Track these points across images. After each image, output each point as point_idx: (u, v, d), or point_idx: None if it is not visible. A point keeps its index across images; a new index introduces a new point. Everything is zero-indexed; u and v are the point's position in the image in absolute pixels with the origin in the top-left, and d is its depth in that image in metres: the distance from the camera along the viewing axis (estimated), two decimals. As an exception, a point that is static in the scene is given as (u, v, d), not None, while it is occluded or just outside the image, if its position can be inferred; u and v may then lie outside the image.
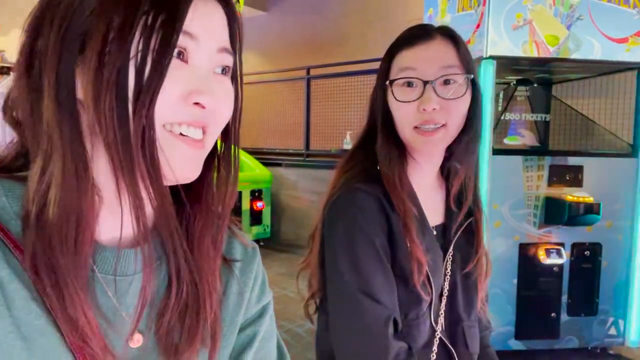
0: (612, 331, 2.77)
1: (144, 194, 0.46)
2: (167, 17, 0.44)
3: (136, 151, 0.44)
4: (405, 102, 0.90)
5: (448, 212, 1.01)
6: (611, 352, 2.83)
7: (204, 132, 0.49)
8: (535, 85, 3.11)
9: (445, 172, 1.03)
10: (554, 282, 2.71)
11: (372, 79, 1.03)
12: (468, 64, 0.91)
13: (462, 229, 1.00)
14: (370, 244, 0.88)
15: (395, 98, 0.91)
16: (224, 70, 0.51)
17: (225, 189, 0.54)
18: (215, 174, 0.55)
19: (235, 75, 0.53)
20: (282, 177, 5.66)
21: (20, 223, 0.46)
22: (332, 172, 1.03)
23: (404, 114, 0.91)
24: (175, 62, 0.45)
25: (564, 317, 2.73)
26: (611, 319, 2.76)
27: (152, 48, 0.43)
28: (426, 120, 0.89)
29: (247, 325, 0.61)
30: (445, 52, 0.90)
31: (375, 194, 0.91)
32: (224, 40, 0.50)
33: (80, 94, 0.45)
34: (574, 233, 2.68)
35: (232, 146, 0.55)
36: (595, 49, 2.50)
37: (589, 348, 2.79)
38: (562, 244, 2.68)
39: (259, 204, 5.21)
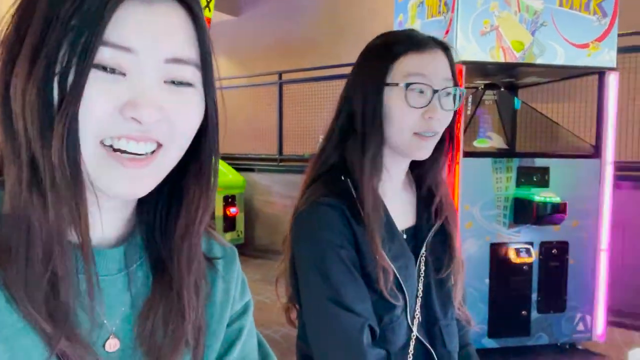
0: (580, 327, 2.86)
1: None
2: (88, 32, 0.42)
3: (58, 166, 0.42)
4: (417, 108, 0.91)
5: (419, 214, 1.02)
6: (580, 347, 2.92)
7: (159, 146, 0.48)
8: (502, 89, 3.20)
9: (415, 174, 1.05)
10: (524, 280, 2.78)
11: (343, 84, 1.03)
12: (455, 77, 0.95)
13: (435, 230, 1.01)
14: (337, 257, 0.89)
15: (408, 103, 0.91)
16: (180, 82, 0.48)
17: (199, 196, 0.53)
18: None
19: (205, 83, 0.50)
20: (255, 183, 5.63)
21: None
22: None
23: (410, 119, 0.91)
24: (107, 76, 0.44)
25: (534, 314, 2.80)
26: (579, 315, 2.84)
27: (73, 61, 0.42)
28: (429, 127, 0.92)
29: (233, 320, 0.62)
30: (445, 63, 0.93)
31: (339, 207, 0.91)
32: (174, 49, 0.46)
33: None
34: (542, 232, 2.76)
35: (208, 156, 0.53)
36: (558, 54, 2.58)
37: (559, 344, 2.87)
38: (531, 243, 2.75)
39: (233, 210, 5.16)
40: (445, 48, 0.94)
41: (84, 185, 0.45)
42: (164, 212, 0.55)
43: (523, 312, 2.79)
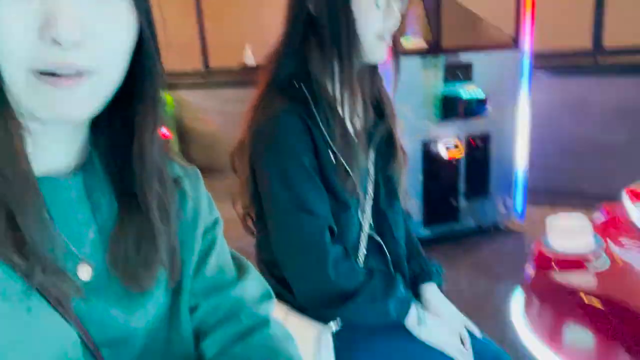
0: (502, 209, 3.16)
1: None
2: None
3: None
4: (387, 9, 0.94)
5: (365, 115, 1.07)
6: (501, 227, 3.25)
7: (89, 72, 0.45)
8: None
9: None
10: (453, 172, 2.98)
11: None
12: None
13: (380, 130, 1.06)
14: (299, 163, 0.93)
15: (377, 4, 0.94)
16: None
17: (146, 116, 0.53)
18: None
19: None
20: (184, 101, 5.39)
21: None
22: (241, 90, 1.03)
23: (376, 21, 0.95)
24: None
25: (462, 202, 3.05)
26: (501, 199, 3.13)
27: None
28: (389, 29, 0.97)
29: (205, 232, 0.63)
30: None
31: (297, 113, 0.94)
32: None
33: None
34: (468, 126, 2.91)
35: (151, 71, 0.52)
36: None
37: (483, 226, 3.18)
38: (458, 137, 2.92)
39: (163, 132, 4.97)
40: None
41: (13, 115, 0.43)
42: (119, 140, 0.54)
43: (452, 201, 3.03)
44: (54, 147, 0.50)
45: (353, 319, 1.01)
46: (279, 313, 0.98)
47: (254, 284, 0.68)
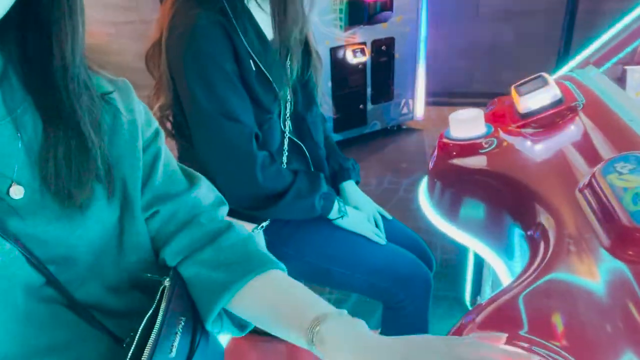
0: (405, 110, 3.38)
1: None
2: None
3: None
4: None
5: (280, 26, 1.07)
6: (404, 127, 3.50)
7: None
8: None
9: None
10: (360, 78, 3.09)
11: None
12: None
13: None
14: (221, 70, 0.92)
15: None
16: None
17: (64, 24, 0.49)
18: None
19: None
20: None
21: None
22: None
23: None
24: None
25: (369, 106, 3.21)
26: (404, 101, 3.34)
27: None
28: None
29: (147, 145, 0.62)
30: None
31: (216, 19, 0.92)
32: None
33: None
34: (372, 32, 2.98)
35: None
36: None
37: (388, 127, 3.40)
38: (364, 43, 2.99)
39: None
40: None
41: None
42: (35, 48, 0.50)
43: (360, 106, 3.18)
44: None
45: (282, 217, 1.11)
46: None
47: (207, 190, 0.68)
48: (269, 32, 1.04)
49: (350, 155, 1.31)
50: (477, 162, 0.95)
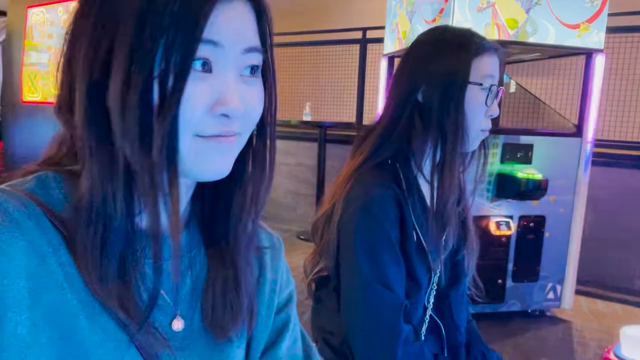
0: (550, 295, 3.04)
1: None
2: (185, 32, 0.43)
3: (158, 165, 0.44)
4: (492, 106, 1.00)
5: (439, 193, 1.09)
6: (548, 313, 3.11)
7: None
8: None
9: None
10: (502, 251, 2.92)
11: (331, 50, 1.05)
12: None
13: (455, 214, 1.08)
14: (387, 238, 0.95)
15: (486, 102, 0.99)
16: (253, 70, 0.50)
17: (260, 182, 0.56)
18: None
19: (266, 71, 0.52)
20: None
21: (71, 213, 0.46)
22: (294, 143, 1.07)
23: (481, 116, 1.00)
24: (197, 74, 0.45)
25: (509, 283, 2.96)
26: (550, 284, 3.02)
27: (172, 62, 0.43)
28: (489, 124, 1.01)
29: (280, 309, 0.65)
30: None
31: (392, 188, 0.97)
32: (251, 39, 0.49)
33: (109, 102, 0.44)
34: (521, 206, 2.87)
35: (268, 141, 0.55)
36: (550, 34, 2.63)
37: (529, 311, 3.06)
38: (510, 217, 2.88)
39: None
40: (501, 51, 1.02)
41: (178, 179, 0.47)
42: (221, 199, 0.57)
43: (499, 281, 2.95)
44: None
45: None
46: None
47: None
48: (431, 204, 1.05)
49: (481, 333, 1.18)
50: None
